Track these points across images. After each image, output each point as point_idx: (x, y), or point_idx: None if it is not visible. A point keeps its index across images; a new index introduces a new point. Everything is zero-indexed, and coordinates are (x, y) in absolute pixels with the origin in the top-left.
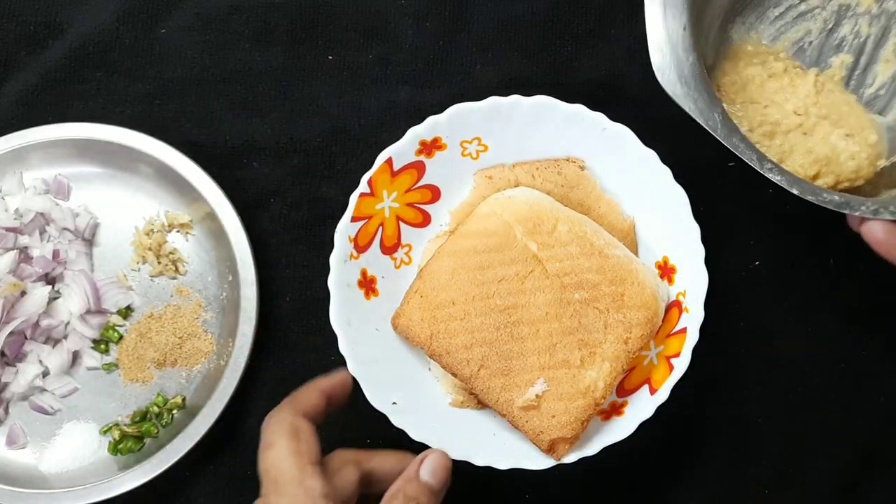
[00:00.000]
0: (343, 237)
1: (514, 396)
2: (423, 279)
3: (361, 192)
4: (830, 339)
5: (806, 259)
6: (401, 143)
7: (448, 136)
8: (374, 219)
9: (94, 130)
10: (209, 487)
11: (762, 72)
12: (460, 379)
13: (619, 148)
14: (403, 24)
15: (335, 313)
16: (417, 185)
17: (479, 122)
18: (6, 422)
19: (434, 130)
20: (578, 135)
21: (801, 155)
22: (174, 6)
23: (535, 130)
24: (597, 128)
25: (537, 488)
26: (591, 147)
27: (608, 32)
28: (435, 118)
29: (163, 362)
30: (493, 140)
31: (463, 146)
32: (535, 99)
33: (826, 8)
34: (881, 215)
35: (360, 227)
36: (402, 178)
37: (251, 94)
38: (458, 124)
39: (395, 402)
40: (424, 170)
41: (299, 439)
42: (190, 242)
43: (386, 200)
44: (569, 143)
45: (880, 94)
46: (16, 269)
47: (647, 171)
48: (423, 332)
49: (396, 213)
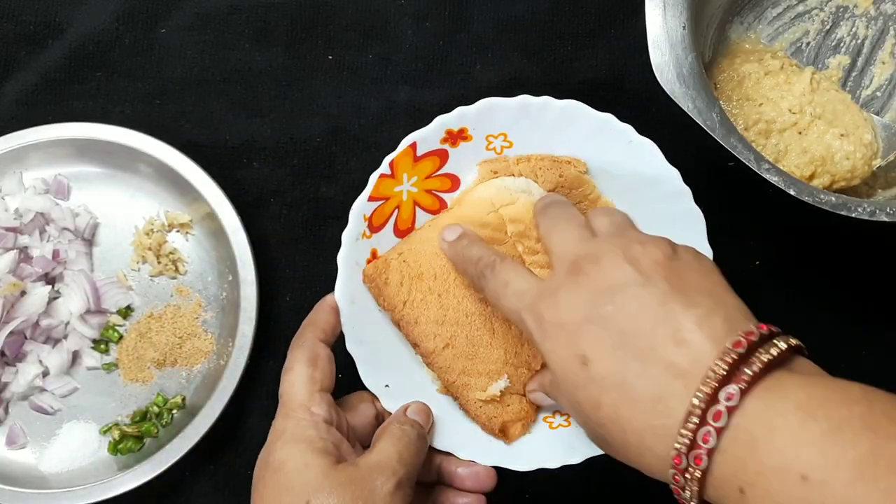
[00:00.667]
0: (358, 215)
1: (472, 381)
2: (410, 245)
3: (382, 172)
4: (830, 339)
5: (806, 259)
6: (427, 129)
7: (475, 128)
8: (391, 200)
9: (93, 130)
10: (209, 487)
11: (759, 69)
12: (421, 351)
13: (643, 162)
14: (403, 23)
15: (340, 289)
16: (438, 173)
17: (508, 118)
18: (6, 422)
19: (462, 121)
20: (604, 143)
21: (797, 155)
22: (174, 6)
23: (562, 133)
24: (623, 139)
25: (538, 488)
26: (614, 157)
27: (608, 32)
28: (463, 109)
29: (163, 362)
30: (519, 137)
31: (489, 140)
32: (566, 102)
33: (824, 9)
34: (878, 217)
35: (376, 207)
36: (424, 164)
37: (251, 94)
38: (487, 118)
39: (387, 384)
40: (447, 158)
41: (316, 367)
42: (190, 242)
43: (405, 184)
44: (593, 150)
45: (877, 95)
46: (15, 268)
47: (668, 189)
48: (398, 297)
49: (414, 197)
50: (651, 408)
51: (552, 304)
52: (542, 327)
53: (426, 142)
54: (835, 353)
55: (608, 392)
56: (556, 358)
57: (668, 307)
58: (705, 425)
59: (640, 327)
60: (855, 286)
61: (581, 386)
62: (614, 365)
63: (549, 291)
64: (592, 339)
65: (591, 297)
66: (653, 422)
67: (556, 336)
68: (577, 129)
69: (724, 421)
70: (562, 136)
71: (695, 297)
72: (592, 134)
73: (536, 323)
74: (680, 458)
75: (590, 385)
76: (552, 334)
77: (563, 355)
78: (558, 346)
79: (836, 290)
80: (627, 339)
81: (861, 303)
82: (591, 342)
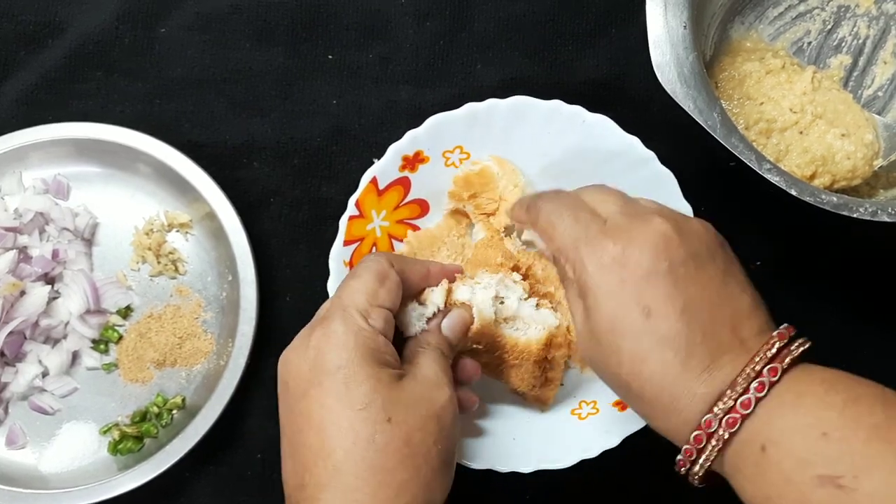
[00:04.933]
0: (338, 262)
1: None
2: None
3: (351, 214)
4: (830, 339)
5: (807, 259)
6: (383, 161)
7: (429, 148)
8: (366, 240)
9: (93, 130)
10: (209, 488)
11: (760, 68)
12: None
13: (601, 138)
14: (404, 23)
15: None
16: (405, 202)
17: (459, 131)
18: (6, 422)
19: (415, 144)
20: (559, 130)
21: (798, 154)
22: (174, 6)
23: (515, 131)
24: (577, 121)
25: (538, 488)
26: (572, 141)
27: (609, 32)
28: (414, 132)
29: (162, 362)
30: (474, 146)
31: (445, 157)
32: (511, 100)
33: (825, 9)
34: (879, 217)
35: (353, 249)
36: (389, 196)
37: (251, 94)
38: (438, 135)
39: None
40: (410, 185)
41: (383, 285)
42: (190, 242)
43: (376, 220)
44: (550, 139)
45: (878, 95)
46: (15, 268)
47: (632, 157)
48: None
49: (387, 231)
50: (698, 375)
51: (622, 240)
52: (602, 260)
53: (386, 174)
54: (835, 352)
55: (663, 350)
56: (611, 301)
57: (728, 289)
58: (746, 394)
59: (705, 299)
60: (855, 286)
61: (634, 335)
62: (678, 327)
63: (619, 229)
64: (662, 294)
65: (664, 249)
66: (697, 389)
67: (619, 274)
68: (529, 123)
69: (765, 391)
70: (515, 133)
71: (745, 286)
72: (545, 123)
73: (596, 255)
74: (711, 422)
75: (644, 336)
76: (614, 270)
77: (623, 299)
78: (619, 287)
79: (837, 291)
80: (694, 305)
81: (862, 303)
82: (661, 296)
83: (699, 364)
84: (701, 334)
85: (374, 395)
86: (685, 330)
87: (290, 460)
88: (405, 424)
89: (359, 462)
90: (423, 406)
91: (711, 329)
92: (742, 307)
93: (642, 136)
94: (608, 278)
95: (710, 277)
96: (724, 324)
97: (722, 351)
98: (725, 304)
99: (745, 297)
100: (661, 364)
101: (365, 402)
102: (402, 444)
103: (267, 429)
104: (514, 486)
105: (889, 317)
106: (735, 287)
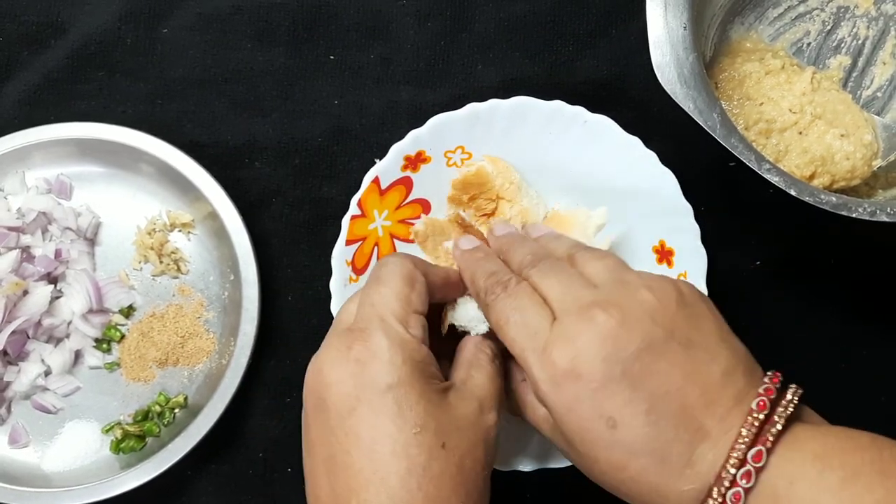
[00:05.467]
0: (340, 262)
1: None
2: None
3: (353, 214)
4: (831, 338)
5: (807, 259)
6: (385, 161)
7: (431, 148)
8: (368, 240)
9: (96, 130)
10: (211, 487)
11: (759, 68)
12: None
13: (602, 138)
14: (405, 23)
15: None
16: (407, 201)
17: (461, 131)
18: (8, 421)
19: (417, 144)
20: (560, 130)
21: (798, 155)
22: (176, 6)
23: (517, 131)
24: (578, 121)
25: (538, 488)
26: (573, 141)
27: (609, 32)
28: (416, 132)
29: (164, 361)
30: (476, 146)
31: (447, 157)
32: (513, 100)
33: (825, 9)
34: (878, 217)
35: (355, 249)
36: (391, 196)
37: (253, 94)
38: (440, 135)
39: None
40: (412, 185)
41: (413, 288)
42: (192, 242)
43: (378, 220)
44: (551, 140)
45: (878, 95)
46: (18, 268)
47: (633, 157)
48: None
49: (389, 231)
50: (680, 473)
51: (568, 351)
52: (554, 376)
53: (388, 173)
54: (835, 353)
55: (637, 458)
56: (572, 415)
57: (694, 364)
58: (735, 486)
59: (669, 387)
60: (855, 286)
61: (605, 447)
62: (647, 431)
63: (563, 337)
64: (621, 402)
65: (612, 351)
66: (682, 487)
67: (574, 390)
68: (531, 124)
69: (753, 481)
70: (517, 132)
71: (714, 349)
72: (546, 124)
73: (546, 370)
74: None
75: (615, 447)
76: (567, 387)
77: (583, 414)
78: (577, 403)
79: (837, 291)
80: (658, 402)
81: (861, 303)
82: (620, 404)
83: (679, 460)
84: (673, 429)
85: (427, 417)
86: (654, 432)
87: (325, 479)
88: (458, 450)
89: (414, 492)
90: (473, 430)
91: (683, 418)
92: (713, 379)
93: (642, 137)
94: (564, 396)
95: (670, 362)
96: (696, 405)
97: (700, 438)
98: (693, 382)
99: (714, 365)
100: (640, 471)
101: (420, 425)
102: (455, 471)
103: (268, 428)
104: (515, 485)
105: (889, 317)
106: (703, 355)
